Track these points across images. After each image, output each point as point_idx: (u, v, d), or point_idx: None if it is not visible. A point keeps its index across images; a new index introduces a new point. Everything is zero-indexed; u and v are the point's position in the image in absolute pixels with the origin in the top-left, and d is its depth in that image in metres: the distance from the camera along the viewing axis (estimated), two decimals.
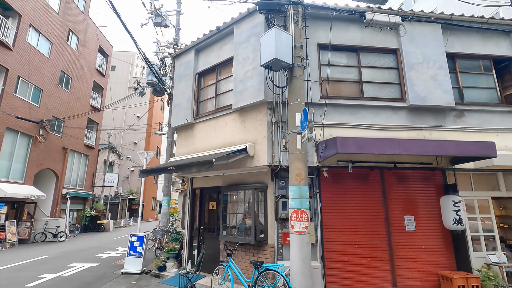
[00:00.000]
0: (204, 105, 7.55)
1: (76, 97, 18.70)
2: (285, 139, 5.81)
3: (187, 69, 7.89)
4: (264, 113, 5.93)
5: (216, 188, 7.14)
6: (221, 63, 7.20)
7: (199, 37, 7.61)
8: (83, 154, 19.75)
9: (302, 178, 4.77)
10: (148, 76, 12.42)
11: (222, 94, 7.07)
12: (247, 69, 6.25)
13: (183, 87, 7.87)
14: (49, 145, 15.97)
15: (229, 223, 6.37)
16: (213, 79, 7.43)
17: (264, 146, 5.75)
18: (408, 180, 6.23)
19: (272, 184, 5.91)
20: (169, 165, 6.05)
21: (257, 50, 6.14)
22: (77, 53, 18.73)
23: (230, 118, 6.61)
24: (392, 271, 5.71)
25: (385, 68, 6.49)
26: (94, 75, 20.93)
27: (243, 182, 6.38)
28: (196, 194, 7.73)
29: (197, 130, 7.37)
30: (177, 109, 7.89)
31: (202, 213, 7.47)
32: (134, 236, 7.71)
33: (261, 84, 5.88)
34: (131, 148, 32.18)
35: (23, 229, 13.78)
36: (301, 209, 4.64)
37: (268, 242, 5.71)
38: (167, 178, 11.90)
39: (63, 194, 17.23)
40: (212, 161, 5.04)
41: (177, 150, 7.87)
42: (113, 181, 21.34)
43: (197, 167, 5.30)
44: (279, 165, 5.64)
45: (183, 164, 5.61)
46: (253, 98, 5.98)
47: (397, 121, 6.13)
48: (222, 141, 6.64)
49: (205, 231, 7.28)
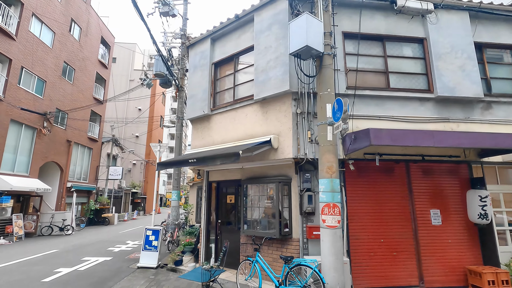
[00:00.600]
0: (221, 96, 7.33)
1: (79, 89, 18.37)
2: (310, 130, 5.63)
3: (202, 59, 7.64)
4: (289, 104, 5.73)
5: (234, 181, 6.98)
6: (239, 53, 6.96)
7: (215, 26, 7.35)
8: (86, 147, 19.50)
9: (333, 171, 4.61)
10: (157, 67, 12.15)
11: (241, 85, 6.85)
12: (270, 58, 6.02)
13: (198, 78, 7.63)
14: (53, 137, 15.71)
15: (250, 217, 6.23)
16: (231, 69, 7.19)
17: (289, 138, 5.57)
18: (433, 174, 6.09)
19: (296, 177, 5.75)
20: (189, 157, 5.87)
21: (280, 39, 5.92)
22: (79, 44, 18.32)
23: (250, 109, 6.41)
24: (419, 266, 5.61)
25: (411, 58, 6.28)
26: (97, 66, 20.55)
27: (265, 175, 6.22)
28: (212, 188, 7.58)
29: (214, 122, 7.17)
30: (192, 100, 7.66)
31: (219, 207, 7.33)
32: (149, 230, 7.57)
33: (285, 74, 5.67)
34: (133, 141, 31.95)
35: (29, 222, 13.63)
36: (333, 203, 4.49)
37: (292, 237, 5.58)
38: (176, 171, 11.74)
39: (68, 187, 17.05)
40: (239, 153, 4.86)
41: (192, 142, 7.67)
42: (117, 174, 21.16)
43: (222, 159, 5.12)
44: (305, 157, 5.47)
45: (206, 156, 5.43)
46: (276, 89, 5.77)
47: (423, 113, 5.95)
48: (241, 133, 6.45)
49: (222, 225, 7.14)
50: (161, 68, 12.26)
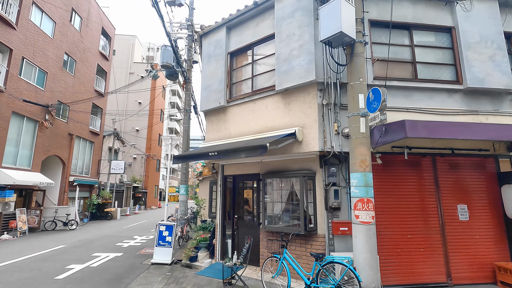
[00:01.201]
0: (237, 87, 7.07)
1: (81, 81, 17.93)
2: (337, 122, 5.41)
3: (217, 48, 7.34)
4: (314, 95, 5.49)
5: (251, 175, 6.76)
6: (257, 42, 6.68)
7: (231, 13, 7.04)
8: (88, 140, 19.14)
9: (367, 165, 4.40)
10: (163, 58, 11.81)
11: (260, 75, 6.58)
12: (293, 47, 5.75)
13: (213, 68, 7.34)
14: (55, 131, 15.35)
15: (271, 212, 6.03)
16: (248, 59, 6.92)
17: (315, 131, 5.34)
18: (460, 168, 5.90)
19: (321, 171, 5.54)
20: (209, 150, 5.62)
21: (305, 26, 5.65)
22: (80, 35, 17.82)
23: (271, 100, 6.16)
24: (446, 262, 5.46)
25: (439, 48, 6.04)
26: (98, 58, 20.06)
27: (286, 169, 6.00)
28: (228, 182, 7.35)
29: (231, 114, 6.91)
30: (206, 92, 7.38)
31: (236, 202, 7.11)
32: (163, 226, 7.35)
33: (310, 63, 5.42)
34: (133, 135, 31.54)
35: (32, 217, 13.34)
36: (367, 198, 4.29)
37: (318, 233, 5.39)
38: (184, 165, 11.49)
39: (70, 182, 16.74)
40: (266, 146, 4.62)
41: (207, 135, 7.42)
42: (120, 168, 20.85)
43: (247, 152, 4.89)
44: (332, 150, 5.25)
45: (229, 149, 5.18)
46: (301, 79, 5.52)
47: (452, 105, 5.74)
48: (261, 125, 6.21)
49: (239, 220, 6.94)
50: (168, 59, 11.91)
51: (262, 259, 6.10)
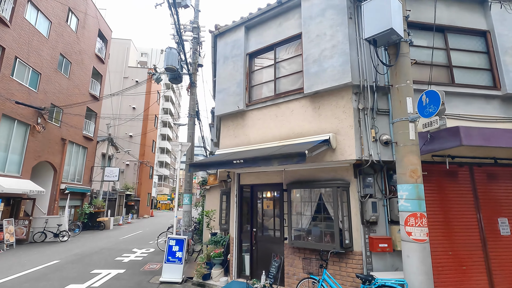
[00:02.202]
0: (257, 90, 6.60)
1: (75, 84, 17.14)
2: (374, 129, 4.99)
3: (235, 49, 6.89)
4: (348, 99, 5.07)
5: (272, 185, 6.25)
6: (280, 42, 6.27)
7: (251, 12, 6.63)
8: (81, 146, 18.24)
9: (418, 175, 3.97)
10: (168, 61, 11.30)
11: (284, 78, 6.15)
12: (324, 47, 5.35)
13: (230, 69, 6.87)
14: (47, 135, 14.48)
15: (297, 225, 5.51)
16: (270, 60, 6.48)
17: (350, 137, 4.90)
18: (498, 178, 5.55)
19: (355, 181, 5.08)
20: (233, 157, 5.10)
21: (337, 25, 5.27)
22: (76, 36, 17.12)
23: (297, 104, 5.71)
24: (490, 282, 5.04)
25: (474, 52, 5.76)
26: (94, 61, 19.34)
27: (315, 179, 5.51)
28: (245, 192, 6.81)
29: (251, 119, 6.43)
30: (222, 95, 6.89)
31: (254, 213, 6.57)
32: (173, 240, 6.72)
33: (345, 64, 5.01)
34: (127, 141, 30.58)
35: (20, 228, 12.37)
36: (420, 212, 3.85)
37: (354, 249, 4.89)
38: (188, 173, 10.88)
39: (62, 190, 15.79)
40: (305, 153, 4.14)
41: (222, 141, 6.89)
42: (114, 176, 19.93)
43: (282, 160, 4.39)
44: (370, 159, 4.81)
45: (258, 157, 4.67)
46: (334, 81, 5.10)
47: (489, 112, 5.42)
48: (286, 131, 5.74)
49: (258, 234, 6.38)
50: (173, 62, 11.41)
51: (288, 278, 5.54)
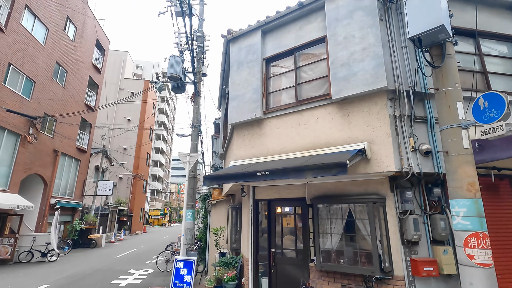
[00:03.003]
0: (276, 97, 6.16)
1: (71, 93, 16.50)
2: (412, 137, 4.54)
3: (250, 54, 6.49)
4: (383, 105, 4.64)
5: (294, 200, 5.70)
6: (302, 46, 5.89)
7: (269, 16, 6.28)
8: (74, 158, 17.38)
9: (476, 189, 3.49)
10: (171, 69, 10.90)
11: (306, 83, 5.73)
12: (353, 50, 4.98)
13: (245, 75, 6.44)
14: (39, 146, 13.68)
15: (325, 245, 4.93)
16: (289, 66, 6.08)
17: (387, 147, 4.43)
18: None
19: (392, 196, 4.58)
20: (256, 169, 4.56)
21: (368, 27, 4.91)
22: (74, 45, 16.64)
23: (323, 111, 5.26)
24: None
25: (507, 58, 5.48)
26: (90, 70, 18.80)
27: (344, 193, 5.00)
28: (261, 207, 6.23)
29: (269, 127, 5.94)
30: (236, 102, 6.42)
31: (272, 232, 5.96)
32: (180, 262, 6.03)
33: (379, 67, 4.62)
34: (121, 153, 29.67)
35: (4, 247, 11.36)
36: (483, 232, 3.34)
37: (394, 274, 4.32)
38: (191, 186, 10.23)
39: (51, 204, 14.81)
40: (346, 163, 3.65)
41: (236, 152, 6.35)
42: (107, 190, 18.97)
43: (317, 172, 3.88)
44: (410, 171, 4.33)
45: (287, 168, 4.15)
46: (366, 86, 4.69)
47: None
48: (311, 140, 5.26)
49: (278, 255, 5.76)
50: (177, 70, 11.01)
51: None
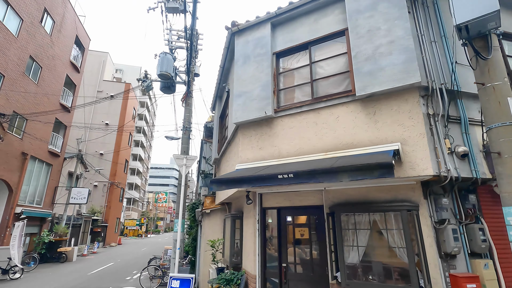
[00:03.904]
0: (288, 94, 5.62)
1: (45, 91, 15.11)
2: (448, 138, 4.14)
3: (258, 48, 5.95)
4: (415, 102, 4.22)
5: (308, 208, 5.12)
6: (317, 40, 5.43)
7: (280, 7, 5.80)
8: (45, 162, 15.80)
9: None
10: (162, 67, 10.17)
11: (323, 79, 5.24)
12: (379, 43, 4.56)
13: (252, 71, 5.87)
14: (5, 148, 12.20)
15: (349, 259, 4.34)
16: (303, 61, 5.59)
17: (423, 148, 3.99)
18: None
19: (425, 203, 4.12)
20: (278, 171, 3.93)
21: (394, 19, 4.54)
22: (51, 39, 15.36)
23: (344, 109, 4.77)
24: None
25: None
26: (68, 68, 17.46)
27: (368, 200, 4.48)
28: (269, 216, 5.57)
29: (281, 127, 5.36)
30: (243, 100, 5.81)
31: (283, 244, 5.30)
32: (176, 280, 5.19)
33: (410, 62, 4.22)
34: (97, 158, 27.83)
35: None
36: None
37: None
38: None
39: (17, 214, 13.19)
40: (391, 163, 3.14)
41: (242, 154, 5.69)
42: (82, 197, 17.39)
43: (354, 174, 3.33)
44: (448, 175, 3.90)
45: (317, 169, 3.57)
46: (396, 81, 4.26)
47: None
48: (331, 141, 4.73)
49: (290, 270, 5.09)
50: (168, 68, 10.27)
51: None
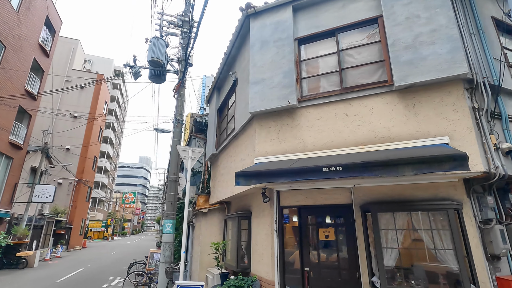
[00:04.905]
0: (311, 84, 5.18)
1: (8, 75, 13.34)
2: (493, 134, 3.94)
3: (278, 32, 5.46)
4: (459, 95, 3.99)
5: (333, 207, 4.70)
6: (346, 27, 5.06)
7: None
8: (5, 155, 13.93)
9: None
10: (153, 52, 9.34)
11: (353, 69, 4.87)
12: (419, 32, 4.29)
13: (271, 56, 5.37)
14: None
15: (387, 263, 3.98)
16: (328, 48, 5.19)
17: (471, 143, 3.74)
18: None
19: (468, 202, 3.88)
20: (323, 164, 3.46)
21: (437, 7, 4.33)
22: (17, 17, 13.63)
23: (379, 101, 4.43)
24: None
25: None
26: (36, 51, 15.65)
27: (404, 198, 4.16)
28: (287, 216, 5.07)
29: (305, 118, 4.90)
30: (260, 87, 5.28)
31: (305, 246, 4.82)
32: None
33: (455, 51, 3.98)
34: (62, 154, 25.50)
35: None
36: None
37: None
38: (172, 192, 8.60)
39: None
40: (465, 155, 2.82)
41: (260, 146, 5.14)
42: (47, 196, 15.58)
43: (420, 167, 2.96)
44: (497, 172, 3.68)
45: (371, 161, 3.15)
46: (440, 72, 4.00)
47: None
48: (365, 134, 4.37)
49: (313, 275, 4.62)
50: (160, 55, 9.46)
51: None
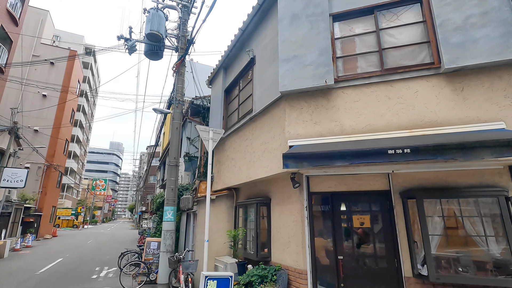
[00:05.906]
0: (347, 64, 4.88)
1: None
2: None
3: (311, 7, 5.05)
4: (511, 80, 3.89)
5: (369, 194, 4.52)
6: (386, 4, 4.78)
7: None
8: None
9: None
10: (152, 25, 8.58)
11: (394, 49, 4.61)
12: (469, 13, 4.12)
13: (305, 32, 4.97)
14: None
15: (435, 250, 3.88)
16: (364, 26, 4.89)
17: None
18: None
19: None
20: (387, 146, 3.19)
21: None
22: None
23: (425, 84, 4.24)
24: None
25: None
26: (3, 17, 13.82)
27: (448, 185, 4.05)
28: (317, 203, 4.82)
29: (342, 99, 4.61)
30: (291, 65, 4.89)
31: (337, 233, 4.61)
32: (213, 280, 4.12)
33: (509, 36, 3.85)
34: (30, 135, 23.38)
35: None
36: None
37: None
38: (173, 178, 8.06)
39: None
40: None
41: (290, 129, 4.78)
42: (18, 180, 14.14)
43: (503, 150, 2.79)
44: None
45: (448, 144, 2.94)
46: (493, 55, 3.87)
47: None
48: (410, 118, 4.18)
49: (349, 264, 4.44)
50: (159, 28, 8.71)
51: None
